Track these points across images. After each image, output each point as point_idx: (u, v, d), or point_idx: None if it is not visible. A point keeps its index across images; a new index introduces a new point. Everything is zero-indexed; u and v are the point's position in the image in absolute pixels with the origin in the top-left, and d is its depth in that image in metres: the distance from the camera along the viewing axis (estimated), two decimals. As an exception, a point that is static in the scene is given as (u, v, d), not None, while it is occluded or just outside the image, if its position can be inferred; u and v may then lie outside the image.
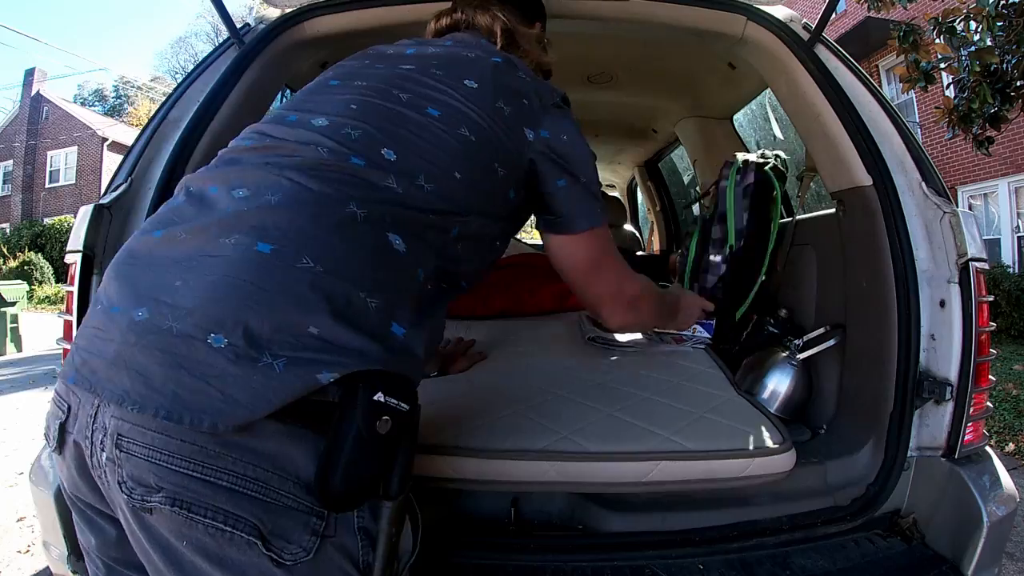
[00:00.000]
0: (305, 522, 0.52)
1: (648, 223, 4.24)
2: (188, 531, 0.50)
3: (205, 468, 0.49)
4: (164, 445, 0.50)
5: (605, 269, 0.87)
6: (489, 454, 0.91)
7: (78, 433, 0.55)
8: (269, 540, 0.50)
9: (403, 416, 0.54)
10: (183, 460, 0.49)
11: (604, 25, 1.43)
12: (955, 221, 1.02)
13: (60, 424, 0.57)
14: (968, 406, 1.00)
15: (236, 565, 0.50)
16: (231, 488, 0.50)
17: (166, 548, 0.51)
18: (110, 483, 0.52)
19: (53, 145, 18.96)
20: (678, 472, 0.93)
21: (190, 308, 0.51)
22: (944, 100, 3.42)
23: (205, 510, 0.49)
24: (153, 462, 0.50)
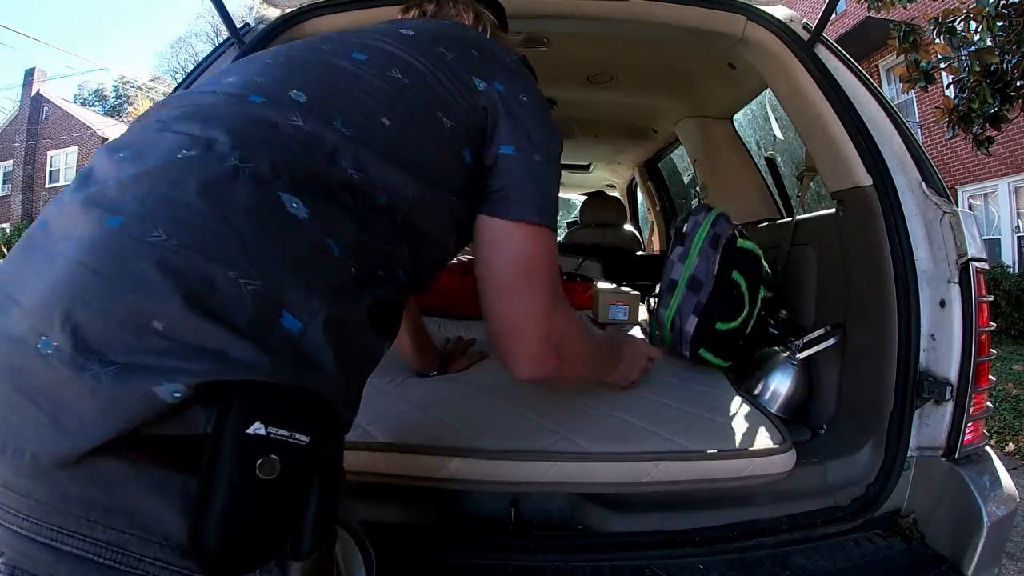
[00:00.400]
0: None
1: (648, 223, 4.24)
2: None
3: (45, 528, 0.38)
4: (2, 497, 0.39)
5: (537, 284, 0.65)
6: (488, 455, 0.91)
7: None
8: None
9: (301, 452, 0.39)
10: (21, 518, 0.38)
11: (604, 25, 1.42)
12: (955, 221, 1.02)
13: None
14: (968, 406, 1.00)
15: None
16: (79, 555, 0.37)
17: None
18: None
19: (53, 145, 18.98)
20: (678, 472, 0.93)
21: (29, 306, 0.40)
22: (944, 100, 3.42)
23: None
24: None
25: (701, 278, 1.29)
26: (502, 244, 0.64)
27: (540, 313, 0.65)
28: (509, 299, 0.65)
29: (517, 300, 0.65)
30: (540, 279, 0.65)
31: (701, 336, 1.27)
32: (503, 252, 0.64)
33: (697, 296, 1.28)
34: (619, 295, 1.65)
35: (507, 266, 0.64)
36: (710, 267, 1.29)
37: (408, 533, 0.95)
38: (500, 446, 0.92)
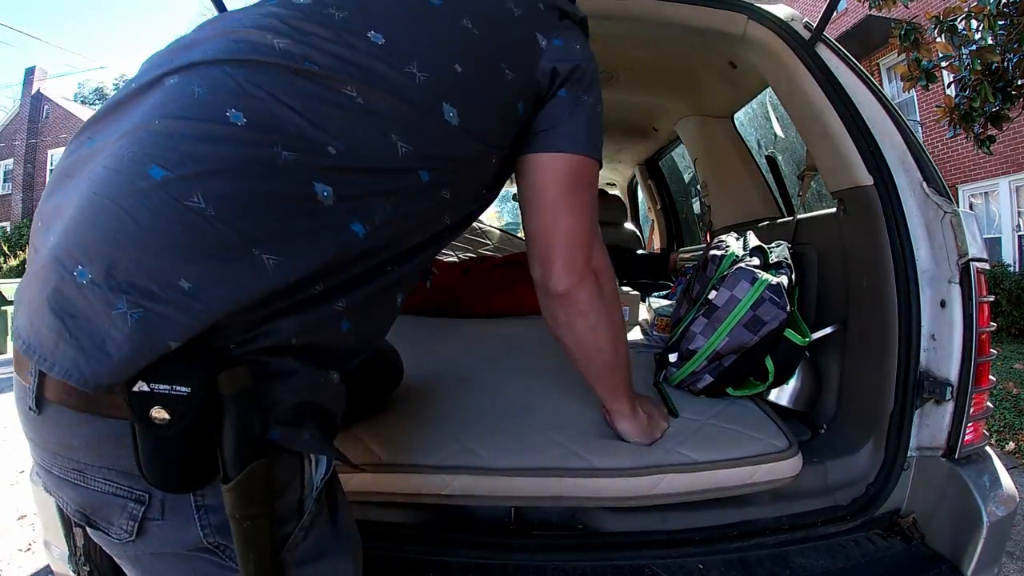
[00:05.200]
0: (123, 507, 0.48)
1: (649, 221, 4.23)
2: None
3: (46, 454, 0.50)
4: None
5: (582, 203, 0.70)
6: (494, 472, 0.91)
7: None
8: (96, 523, 0.50)
9: (182, 400, 0.44)
10: (41, 450, 0.51)
11: (605, 24, 1.42)
12: (956, 221, 1.02)
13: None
14: (968, 406, 1.00)
15: (92, 533, 0.52)
16: (61, 478, 0.50)
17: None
18: None
19: (54, 143, 18.96)
20: (685, 484, 0.93)
21: (70, 233, 0.45)
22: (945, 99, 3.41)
23: (58, 499, 0.52)
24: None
25: (723, 351, 1.11)
26: (554, 167, 0.68)
27: (583, 228, 0.71)
28: (554, 213, 0.69)
29: (562, 214, 0.69)
30: (585, 199, 0.70)
31: (713, 392, 1.16)
32: (554, 173, 0.68)
33: (719, 361, 1.13)
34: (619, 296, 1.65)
35: (556, 183, 0.68)
36: (740, 345, 1.10)
37: (409, 533, 0.95)
38: (505, 463, 0.92)
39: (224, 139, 0.47)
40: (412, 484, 0.91)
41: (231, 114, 0.47)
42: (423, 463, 0.92)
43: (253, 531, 0.48)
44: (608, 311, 0.79)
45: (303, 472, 0.53)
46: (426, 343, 1.51)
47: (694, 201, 3.43)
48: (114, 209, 0.44)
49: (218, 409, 0.45)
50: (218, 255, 0.45)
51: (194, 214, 0.45)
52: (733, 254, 1.23)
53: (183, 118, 0.47)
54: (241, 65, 0.50)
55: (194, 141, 0.46)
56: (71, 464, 0.49)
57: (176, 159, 0.45)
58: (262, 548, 0.49)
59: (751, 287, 1.08)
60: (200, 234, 0.45)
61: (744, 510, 1.01)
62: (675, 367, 1.18)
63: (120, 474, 0.47)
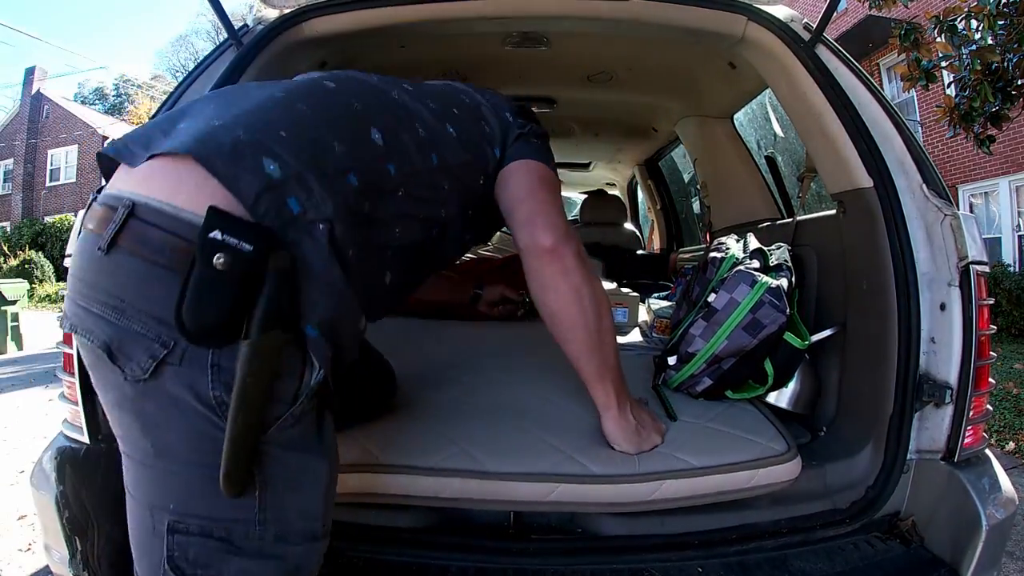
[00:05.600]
0: (147, 347, 0.56)
1: (648, 222, 4.23)
2: (82, 349, 0.62)
3: (86, 297, 0.59)
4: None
5: (551, 191, 0.91)
6: (491, 476, 0.91)
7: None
8: (116, 358, 0.57)
9: (245, 255, 0.55)
10: (89, 288, 0.60)
11: (604, 25, 1.42)
12: (956, 224, 1.02)
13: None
14: (968, 409, 1.00)
15: (102, 374, 0.60)
16: (98, 315, 0.58)
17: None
18: None
19: (54, 143, 18.96)
20: (684, 489, 0.93)
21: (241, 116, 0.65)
22: (945, 99, 3.40)
23: (84, 332, 0.60)
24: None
25: (722, 355, 1.11)
26: (526, 168, 0.92)
27: (557, 206, 0.89)
28: (533, 194, 0.89)
29: (539, 196, 0.89)
30: (553, 189, 0.92)
31: (712, 395, 1.16)
32: (527, 171, 0.91)
33: (717, 364, 1.13)
34: (618, 297, 1.64)
35: (530, 177, 0.91)
36: (740, 348, 1.10)
37: (407, 537, 0.95)
38: (503, 467, 0.92)
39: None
40: (408, 486, 0.91)
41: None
42: (420, 465, 0.92)
43: (252, 389, 0.55)
44: (590, 277, 0.87)
45: (303, 370, 0.61)
46: (424, 345, 1.50)
47: (694, 201, 3.43)
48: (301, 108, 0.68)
49: (261, 279, 0.56)
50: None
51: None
52: (733, 257, 1.23)
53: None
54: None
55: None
56: (114, 303, 0.57)
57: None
58: (252, 409, 0.56)
59: (751, 290, 1.08)
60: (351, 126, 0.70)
61: (743, 513, 1.01)
62: (674, 370, 1.18)
63: (155, 320, 0.56)
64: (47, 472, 1.00)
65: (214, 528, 0.59)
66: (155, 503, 0.60)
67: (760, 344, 1.09)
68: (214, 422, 0.57)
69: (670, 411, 1.09)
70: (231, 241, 0.54)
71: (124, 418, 0.61)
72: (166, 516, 0.59)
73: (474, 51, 1.83)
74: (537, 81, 2.19)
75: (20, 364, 5.64)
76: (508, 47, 1.75)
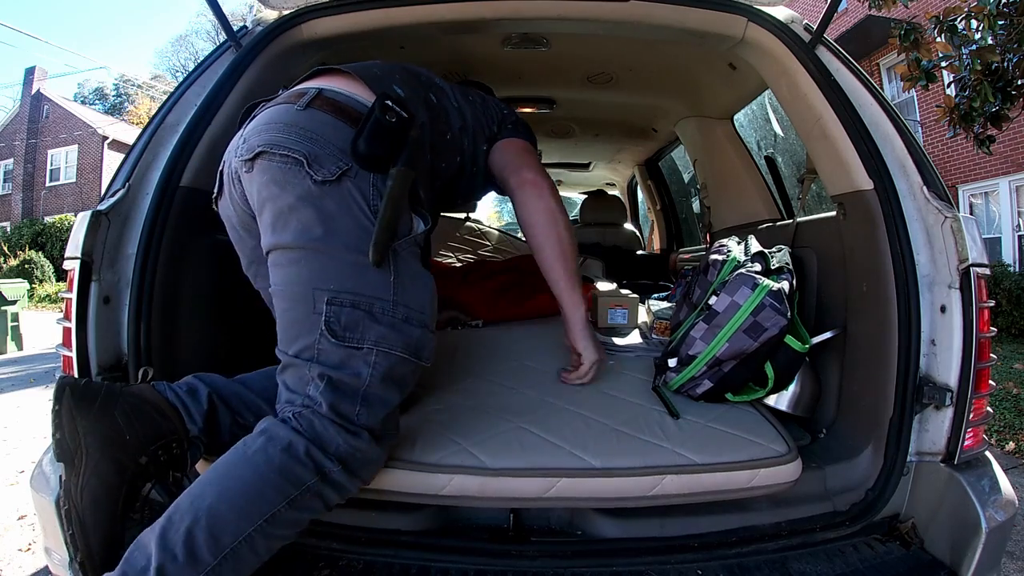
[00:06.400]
0: (334, 160, 0.85)
1: (648, 222, 4.23)
2: (267, 164, 0.86)
3: (285, 137, 0.87)
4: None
5: (533, 156, 1.21)
6: (491, 472, 0.91)
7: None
8: (312, 164, 0.84)
9: (404, 120, 0.88)
10: (286, 127, 0.89)
11: (604, 26, 1.42)
12: (956, 226, 1.01)
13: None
14: (968, 412, 1.00)
15: (289, 178, 0.85)
16: (298, 138, 0.86)
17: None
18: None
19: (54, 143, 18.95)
20: (684, 486, 0.93)
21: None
22: (945, 99, 3.39)
23: (277, 148, 0.86)
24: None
25: (723, 357, 1.11)
26: (515, 142, 1.22)
27: (537, 161, 1.21)
28: (520, 154, 1.20)
29: (524, 155, 1.20)
30: (533, 153, 1.23)
31: (712, 397, 1.16)
32: (516, 143, 1.22)
33: (718, 367, 1.13)
34: (618, 299, 1.64)
35: (518, 145, 1.22)
36: (741, 351, 1.10)
37: (408, 540, 0.95)
38: (503, 463, 0.92)
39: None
40: (409, 482, 0.91)
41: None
42: (421, 461, 0.92)
43: (396, 198, 0.85)
44: (561, 204, 1.16)
45: (412, 218, 0.90)
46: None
47: (693, 201, 3.43)
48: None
49: (405, 138, 0.89)
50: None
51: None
52: (735, 259, 1.22)
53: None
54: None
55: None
56: (310, 135, 0.86)
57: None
58: (394, 211, 0.85)
59: (752, 293, 1.08)
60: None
61: (743, 516, 1.01)
62: (674, 372, 1.18)
63: (339, 149, 0.86)
64: (47, 475, 1.01)
65: (361, 302, 0.84)
66: (318, 286, 0.84)
67: (761, 347, 1.09)
68: (370, 220, 0.85)
69: (672, 410, 1.09)
70: (397, 109, 0.88)
71: (303, 212, 0.84)
72: (325, 294, 0.83)
73: (474, 52, 1.83)
74: (537, 81, 2.19)
75: (20, 364, 5.64)
76: (508, 48, 1.75)
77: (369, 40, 1.44)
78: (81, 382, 0.83)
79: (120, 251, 1.07)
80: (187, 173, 1.15)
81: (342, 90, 0.93)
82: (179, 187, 1.13)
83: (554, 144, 3.23)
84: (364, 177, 0.86)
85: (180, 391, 0.92)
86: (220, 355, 1.27)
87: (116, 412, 0.83)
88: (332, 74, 0.98)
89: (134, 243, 1.08)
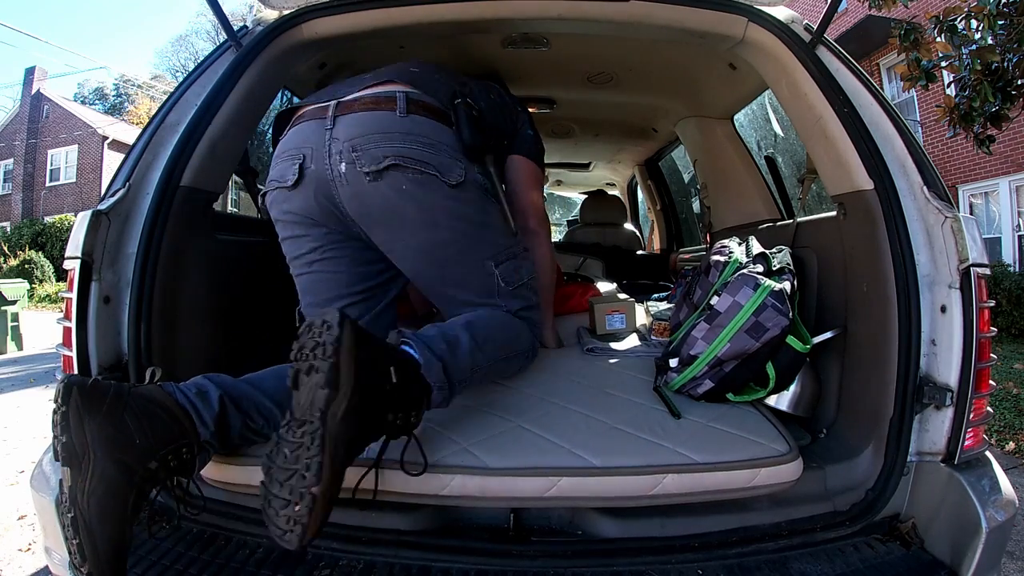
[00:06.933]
0: (456, 165, 1.08)
1: (648, 222, 4.23)
2: (401, 179, 1.05)
3: (404, 140, 1.06)
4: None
5: (537, 185, 1.46)
6: (491, 472, 0.91)
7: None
8: (442, 174, 1.06)
9: (479, 112, 1.18)
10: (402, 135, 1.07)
11: (604, 26, 1.42)
12: (957, 226, 1.01)
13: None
14: (968, 412, 1.00)
15: (430, 188, 1.06)
16: (421, 149, 1.06)
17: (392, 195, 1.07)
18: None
19: (54, 143, 18.94)
20: (685, 485, 0.93)
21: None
22: (945, 99, 3.39)
23: (412, 164, 1.05)
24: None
25: (724, 357, 1.11)
26: (520, 163, 1.41)
27: (540, 199, 1.48)
28: (527, 192, 1.42)
29: (531, 194, 1.43)
30: (538, 186, 1.47)
31: (713, 397, 1.16)
32: (522, 167, 1.41)
33: (719, 367, 1.13)
34: (615, 304, 1.64)
35: (525, 174, 1.42)
36: (742, 351, 1.10)
37: (408, 540, 0.95)
38: (503, 463, 0.92)
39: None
40: (409, 484, 0.91)
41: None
42: (420, 461, 0.91)
43: (496, 173, 1.20)
44: (551, 248, 1.50)
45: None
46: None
47: (693, 201, 3.42)
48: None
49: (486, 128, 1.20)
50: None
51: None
52: (737, 261, 1.22)
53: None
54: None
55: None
56: (429, 142, 1.06)
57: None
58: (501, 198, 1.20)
59: (754, 293, 1.08)
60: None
61: (743, 516, 1.01)
62: (675, 372, 1.18)
63: (453, 149, 1.09)
64: (47, 475, 1.01)
65: (509, 254, 1.18)
66: (485, 256, 1.14)
67: (762, 347, 1.09)
68: (493, 196, 1.17)
69: (673, 410, 1.09)
70: (470, 100, 1.16)
71: (455, 210, 1.09)
72: (491, 260, 1.14)
73: (474, 52, 1.83)
74: (537, 81, 2.19)
75: (20, 364, 5.64)
76: (508, 48, 1.75)
77: (369, 40, 1.44)
78: (88, 382, 0.80)
79: (120, 251, 1.07)
80: (187, 173, 1.15)
81: (423, 95, 1.11)
82: (179, 187, 1.13)
83: (554, 144, 3.23)
84: (475, 170, 1.12)
85: (189, 393, 0.89)
86: (220, 354, 1.27)
87: (126, 414, 0.80)
88: (371, 80, 1.14)
89: (134, 243, 1.08)
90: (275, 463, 0.75)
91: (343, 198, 1.06)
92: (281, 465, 0.74)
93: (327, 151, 1.04)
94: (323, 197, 1.07)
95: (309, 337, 0.78)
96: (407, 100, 1.06)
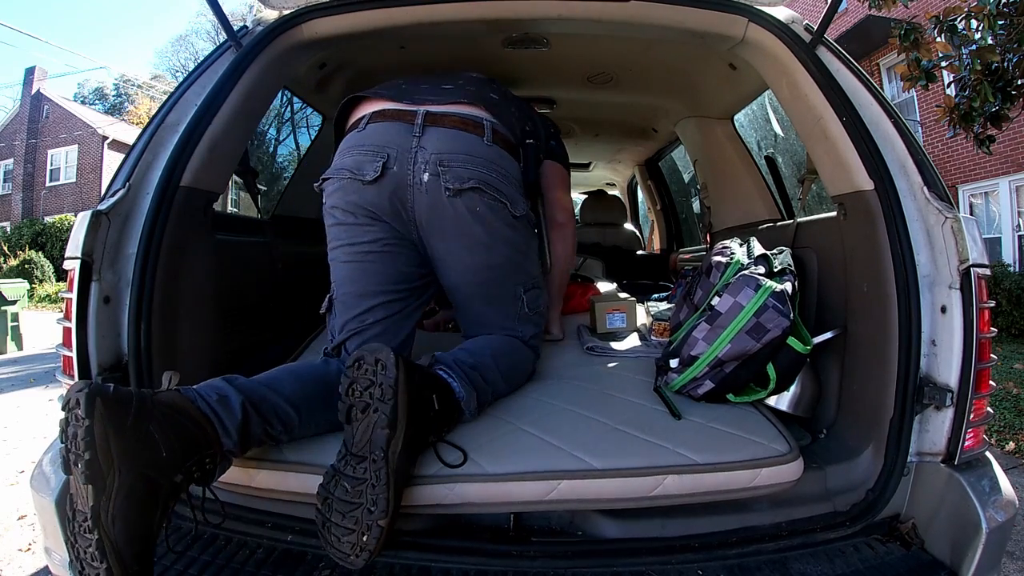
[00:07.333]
0: (520, 199, 1.20)
1: (648, 222, 4.23)
2: (480, 201, 1.13)
3: (477, 164, 1.13)
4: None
5: (561, 192, 1.57)
6: (491, 478, 0.91)
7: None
8: (511, 203, 1.16)
9: (537, 144, 1.38)
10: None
11: (604, 27, 1.42)
12: (957, 227, 1.01)
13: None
14: (968, 412, 1.00)
15: (496, 216, 1.15)
16: (498, 177, 1.15)
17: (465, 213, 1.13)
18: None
19: (54, 143, 18.93)
20: (686, 485, 0.93)
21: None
22: (945, 99, 3.39)
23: (491, 190, 1.13)
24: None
25: (725, 358, 1.11)
26: (552, 168, 1.52)
27: (568, 197, 1.62)
28: (555, 189, 1.55)
29: (559, 192, 1.56)
30: (566, 185, 1.59)
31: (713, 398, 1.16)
32: (554, 171, 1.53)
33: (720, 368, 1.13)
34: (615, 303, 1.64)
35: (557, 177, 1.55)
36: (743, 352, 1.10)
37: (409, 540, 0.95)
38: (503, 468, 0.92)
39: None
40: (413, 496, 0.91)
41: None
42: (421, 474, 0.92)
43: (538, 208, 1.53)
44: (574, 243, 1.63)
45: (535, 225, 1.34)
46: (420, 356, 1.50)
47: (693, 201, 3.43)
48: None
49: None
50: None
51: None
52: (738, 262, 1.22)
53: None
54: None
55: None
56: (503, 172, 1.16)
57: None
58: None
59: (755, 294, 1.08)
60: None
61: (743, 516, 1.01)
62: (676, 373, 1.18)
63: (520, 184, 1.22)
64: (47, 475, 1.01)
65: (535, 283, 1.29)
66: (517, 282, 1.24)
67: (763, 348, 1.09)
68: (537, 230, 1.35)
69: (674, 411, 1.09)
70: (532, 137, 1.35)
71: (511, 238, 1.19)
72: (521, 287, 1.25)
73: (474, 52, 1.83)
74: (537, 81, 2.19)
75: (20, 364, 5.64)
76: (508, 48, 1.75)
77: (369, 40, 1.44)
78: (111, 390, 0.74)
79: (120, 251, 1.07)
80: (187, 173, 1.15)
81: (494, 121, 1.19)
82: (179, 187, 1.13)
83: (554, 144, 3.22)
84: (527, 203, 1.22)
85: (211, 399, 0.85)
86: (220, 354, 1.27)
87: (152, 426, 0.76)
88: (449, 97, 1.20)
89: (134, 243, 1.08)
90: (334, 495, 0.82)
91: (417, 204, 1.11)
92: (342, 498, 0.81)
93: (412, 157, 1.10)
94: (396, 198, 1.11)
95: (361, 374, 0.85)
96: (493, 130, 1.16)
